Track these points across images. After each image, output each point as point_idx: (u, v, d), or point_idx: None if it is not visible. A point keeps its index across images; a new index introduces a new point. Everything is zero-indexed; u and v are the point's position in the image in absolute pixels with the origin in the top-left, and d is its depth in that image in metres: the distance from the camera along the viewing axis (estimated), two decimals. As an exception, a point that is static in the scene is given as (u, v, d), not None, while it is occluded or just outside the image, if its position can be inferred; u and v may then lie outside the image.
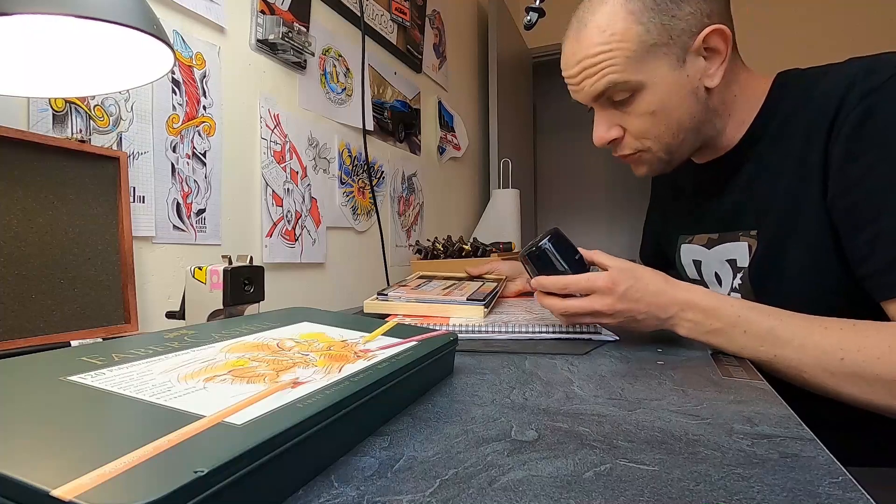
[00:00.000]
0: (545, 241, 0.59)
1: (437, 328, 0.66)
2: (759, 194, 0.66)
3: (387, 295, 0.77)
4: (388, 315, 0.70)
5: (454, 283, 0.87)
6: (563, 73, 0.67)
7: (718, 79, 0.62)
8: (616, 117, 0.66)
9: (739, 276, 0.69)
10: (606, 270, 0.56)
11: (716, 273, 0.74)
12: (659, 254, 0.94)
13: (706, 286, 0.75)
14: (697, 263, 0.78)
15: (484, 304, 0.71)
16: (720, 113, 0.66)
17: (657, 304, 0.55)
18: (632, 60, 0.60)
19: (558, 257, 0.58)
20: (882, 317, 0.52)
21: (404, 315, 0.72)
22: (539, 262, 0.59)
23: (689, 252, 0.79)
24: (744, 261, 0.68)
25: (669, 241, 0.86)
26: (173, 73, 0.81)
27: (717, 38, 0.61)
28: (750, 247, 0.67)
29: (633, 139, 0.66)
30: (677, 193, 0.84)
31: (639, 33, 0.59)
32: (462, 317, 0.70)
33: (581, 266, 0.59)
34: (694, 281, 0.79)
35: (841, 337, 0.49)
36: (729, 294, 0.71)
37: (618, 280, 0.55)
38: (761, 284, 0.66)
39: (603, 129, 0.66)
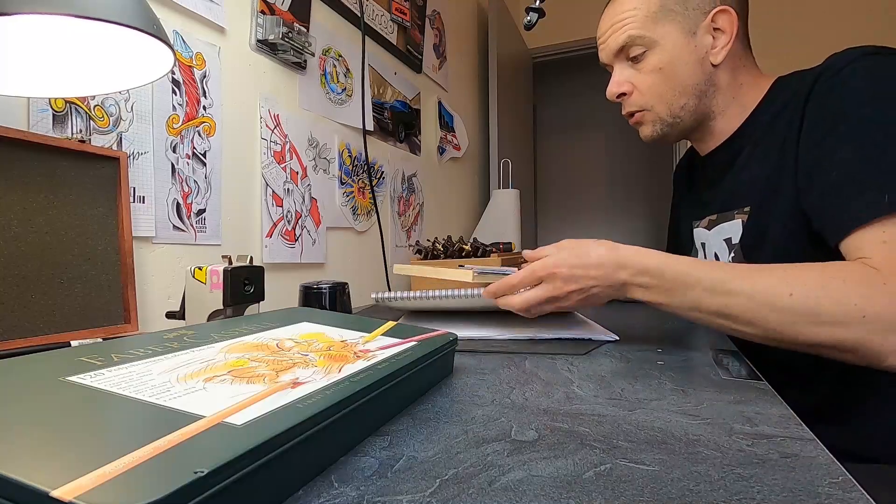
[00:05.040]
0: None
1: (438, 328, 0.66)
2: (751, 174, 0.71)
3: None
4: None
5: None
6: (598, 38, 0.78)
7: (721, 57, 0.70)
8: (629, 75, 0.75)
9: (732, 252, 0.74)
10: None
11: (715, 254, 0.78)
12: (679, 247, 0.97)
13: None
14: (704, 246, 0.82)
15: (474, 271, 0.70)
16: (725, 93, 0.73)
17: (603, 275, 0.55)
18: (649, 20, 0.70)
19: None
20: None
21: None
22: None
23: (698, 236, 0.84)
24: (737, 237, 0.73)
25: (685, 231, 0.89)
26: (173, 73, 0.81)
27: (724, 20, 0.70)
28: (743, 223, 0.72)
29: (639, 96, 0.74)
30: (691, 184, 0.91)
31: (661, 1, 0.70)
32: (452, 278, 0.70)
33: None
34: None
35: (785, 275, 0.49)
36: None
37: (557, 263, 0.56)
38: (750, 258, 0.70)
39: (615, 84, 0.76)
